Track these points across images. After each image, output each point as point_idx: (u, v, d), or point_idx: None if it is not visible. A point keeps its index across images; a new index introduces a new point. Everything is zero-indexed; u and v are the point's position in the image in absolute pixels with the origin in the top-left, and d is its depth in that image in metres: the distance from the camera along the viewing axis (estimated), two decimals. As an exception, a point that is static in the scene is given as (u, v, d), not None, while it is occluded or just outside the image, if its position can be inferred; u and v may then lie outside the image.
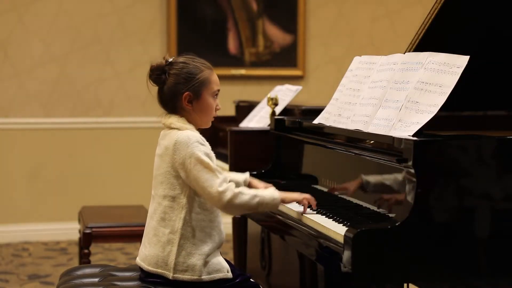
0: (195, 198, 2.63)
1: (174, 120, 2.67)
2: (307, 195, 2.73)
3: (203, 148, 2.60)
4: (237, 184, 2.90)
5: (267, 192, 2.67)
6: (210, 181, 2.57)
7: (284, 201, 2.71)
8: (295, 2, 6.52)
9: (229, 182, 2.61)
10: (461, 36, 3.06)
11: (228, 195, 2.57)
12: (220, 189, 2.56)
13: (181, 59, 2.71)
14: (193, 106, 2.68)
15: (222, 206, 2.59)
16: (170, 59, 2.70)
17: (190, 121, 2.68)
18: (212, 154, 2.65)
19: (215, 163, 2.63)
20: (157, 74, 2.68)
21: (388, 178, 2.52)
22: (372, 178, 2.65)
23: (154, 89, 2.73)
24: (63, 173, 6.17)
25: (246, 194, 2.61)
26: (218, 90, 2.73)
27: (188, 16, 6.30)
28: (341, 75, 3.11)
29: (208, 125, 2.74)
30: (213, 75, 2.72)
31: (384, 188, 2.56)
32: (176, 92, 2.67)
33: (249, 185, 2.96)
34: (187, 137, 2.60)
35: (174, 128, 2.65)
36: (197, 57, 2.73)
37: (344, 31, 6.70)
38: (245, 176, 3.00)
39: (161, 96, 2.71)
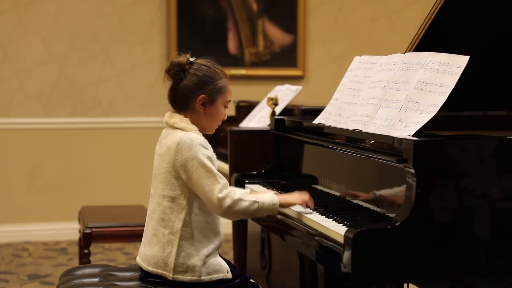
0: (195, 199, 2.63)
1: (178, 120, 2.66)
2: (305, 197, 2.73)
3: (206, 152, 2.60)
4: None
5: (267, 197, 2.68)
6: (210, 186, 2.57)
7: (283, 206, 2.71)
8: (295, 2, 6.52)
9: (229, 188, 2.61)
10: (461, 36, 3.06)
11: (227, 202, 2.57)
12: (220, 195, 2.57)
13: (202, 61, 2.71)
14: (205, 109, 2.69)
15: (221, 213, 2.60)
16: (192, 59, 2.70)
17: (194, 122, 2.68)
18: (214, 157, 2.65)
19: (216, 166, 2.64)
20: (177, 70, 2.68)
21: (388, 178, 2.52)
22: (372, 178, 2.65)
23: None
24: (63, 173, 6.17)
25: (246, 200, 2.62)
26: (230, 101, 2.75)
27: (188, 16, 6.30)
28: (341, 75, 3.11)
29: (212, 131, 2.75)
30: (229, 85, 2.74)
31: (384, 188, 2.56)
32: (191, 92, 2.67)
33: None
34: (190, 139, 2.60)
35: (177, 128, 2.65)
36: (217, 63, 2.75)
37: (344, 31, 6.70)
38: (245, 191, 2.98)
39: (174, 92, 2.70)
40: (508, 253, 2.37)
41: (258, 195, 2.69)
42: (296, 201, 2.72)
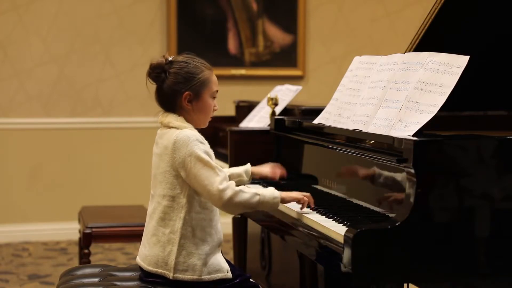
0: (195, 197, 2.63)
1: (172, 119, 2.66)
2: (306, 194, 2.73)
3: (202, 147, 2.60)
4: (239, 177, 2.92)
5: (268, 191, 2.67)
6: (210, 179, 2.56)
7: (284, 201, 2.71)
8: (295, 2, 6.52)
9: (229, 181, 2.61)
10: (461, 36, 3.06)
11: (228, 193, 2.57)
12: (221, 187, 2.56)
13: (181, 58, 2.71)
14: (193, 105, 2.68)
15: (222, 204, 2.59)
16: (170, 58, 2.69)
17: (188, 120, 2.68)
18: (212, 153, 2.65)
19: (214, 161, 2.63)
20: (157, 72, 2.68)
21: (388, 178, 2.52)
22: (372, 178, 2.65)
23: (152, 87, 2.73)
24: (63, 173, 6.17)
25: (247, 192, 2.61)
26: (217, 91, 2.74)
27: (188, 16, 6.30)
28: (341, 75, 3.11)
29: (205, 125, 2.74)
30: (213, 75, 2.72)
31: (384, 188, 2.56)
32: (176, 91, 2.66)
33: (253, 173, 3.01)
34: (186, 136, 2.60)
35: (172, 127, 2.65)
36: (197, 56, 2.74)
37: (344, 31, 6.70)
38: (245, 167, 3.00)
39: (159, 94, 2.70)
40: (508, 253, 2.37)
41: (259, 189, 2.68)
42: (298, 196, 2.72)
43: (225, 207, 2.60)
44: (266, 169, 3.10)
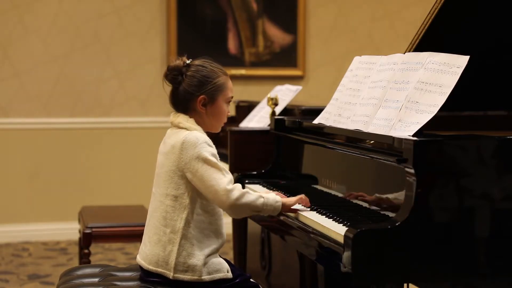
0: (197, 199, 2.63)
1: (183, 120, 2.68)
2: (302, 196, 2.75)
3: (210, 149, 2.61)
4: None
5: (270, 195, 2.70)
6: (217, 179, 2.57)
7: (284, 205, 2.71)
8: (295, 2, 6.52)
9: (235, 183, 2.62)
10: (461, 36, 3.06)
11: (235, 194, 2.57)
12: (228, 187, 2.57)
13: (198, 62, 2.72)
14: (207, 109, 2.70)
15: (229, 205, 2.59)
16: (188, 61, 2.71)
17: (199, 123, 2.69)
18: (218, 157, 2.66)
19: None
20: (174, 74, 2.69)
21: (388, 178, 2.52)
22: (372, 178, 2.65)
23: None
24: (63, 173, 6.17)
25: (252, 194, 2.63)
26: (232, 97, 2.75)
27: (188, 16, 6.30)
28: (341, 75, 3.12)
29: (217, 130, 2.76)
30: (229, 81, 2.75)
31: (384, 188, 2.56)
32: (191, 94, 2.68)
33: None
34: (195, 137, 2.61)
35: (182, 128, 2.66)
36: (214, 61, 2.75)
37: (344, 31, 6.70)
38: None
39: (174, 96, 2.72)
40: (508, 253, 2.37)
41: (262, 193, 2.70)
42: (297, 200, 2.74)
43: (232, 208, 2.60)
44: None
